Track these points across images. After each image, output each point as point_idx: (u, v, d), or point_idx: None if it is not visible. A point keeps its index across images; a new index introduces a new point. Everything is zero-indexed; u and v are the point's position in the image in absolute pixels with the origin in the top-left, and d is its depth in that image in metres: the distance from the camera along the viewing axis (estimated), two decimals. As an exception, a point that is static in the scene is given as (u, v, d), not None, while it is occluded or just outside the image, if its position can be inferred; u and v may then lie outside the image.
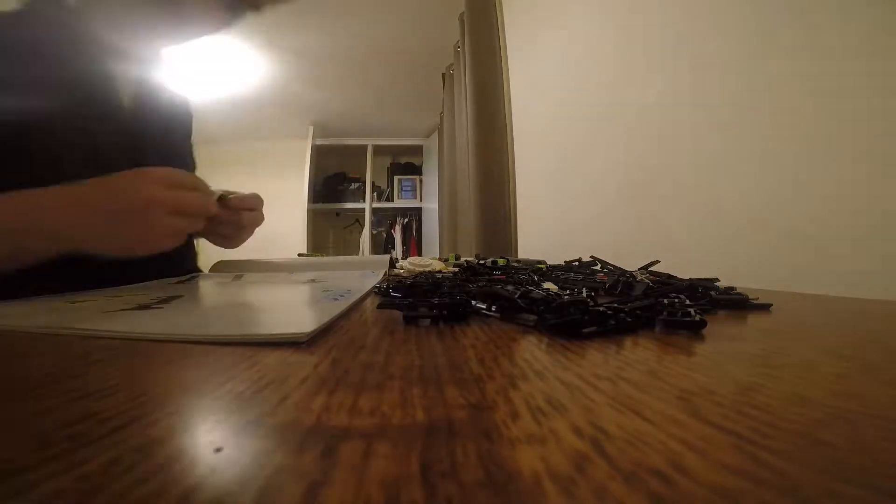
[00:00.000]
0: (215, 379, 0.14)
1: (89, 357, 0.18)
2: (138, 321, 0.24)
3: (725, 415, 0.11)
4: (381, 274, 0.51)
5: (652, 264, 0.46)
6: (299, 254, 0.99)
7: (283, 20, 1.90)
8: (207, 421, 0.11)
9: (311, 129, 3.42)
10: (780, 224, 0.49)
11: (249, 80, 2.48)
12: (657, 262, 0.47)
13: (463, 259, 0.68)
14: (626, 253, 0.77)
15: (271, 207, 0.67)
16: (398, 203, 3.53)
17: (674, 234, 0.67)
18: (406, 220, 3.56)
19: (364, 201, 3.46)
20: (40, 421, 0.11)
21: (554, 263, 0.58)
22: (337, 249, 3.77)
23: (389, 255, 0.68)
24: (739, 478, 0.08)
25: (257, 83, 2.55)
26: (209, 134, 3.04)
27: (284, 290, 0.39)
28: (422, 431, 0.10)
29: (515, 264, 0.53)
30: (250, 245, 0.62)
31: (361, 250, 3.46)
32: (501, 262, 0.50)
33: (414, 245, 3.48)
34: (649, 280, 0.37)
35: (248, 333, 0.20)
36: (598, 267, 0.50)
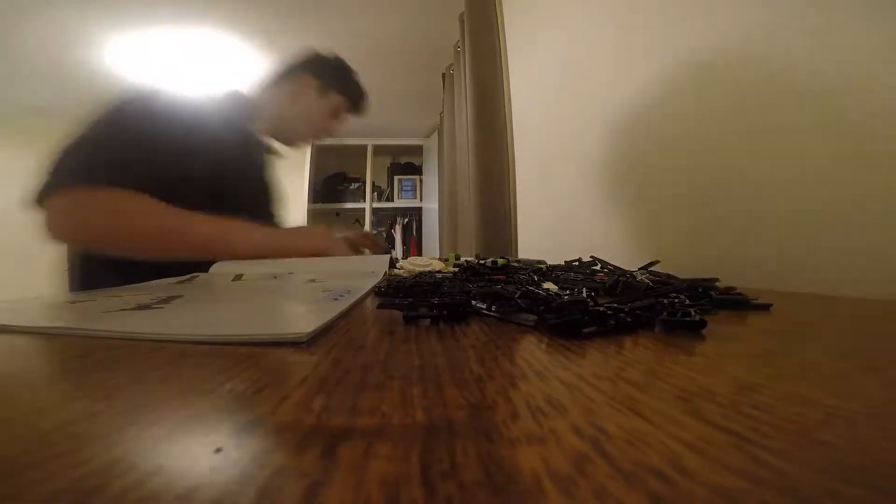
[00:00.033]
0: (215, 379, 0.14)
1: (89, 357, 0.18)
2: (138, 321, 0.24)
3: (725, 415, 0.11)
4: (382, 274, 0.51)
5: (652, 264, 0.46)
6: None
7: (283, 20, 1.90)
8: (207, 421, 0.11)
9: (312, 129, 3.40)
10: (781, 224, 0.49)
11: (249, 80, 2.49)
12: (657, 262, 0.47)
13: (463, 259, 0.68)
14: (627, 253, 0.78)
15: (271, 207, 0.71)
16: (398, 203, 3.52)
17: (674, 234, 0.67)
18: (406, 220, 3.56)
19: (364, 201, 3.46)
20: (40, 421, 0.11)
21: (554, 263, 0.58)
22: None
23: (389, 255, 0.68)
24: (739, 478, 0.08)
25: (257, 83, 2.55)
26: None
27: (284, 290, 0.39)
28: (422, 431, 0.10)
29: (515, 264, 0.53)
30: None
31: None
32: (501, 262, 0.50)
33: (414, 245, 3.47)
34: (649, 280, 0.37)
35: (248, 333, 0.20)
36: (598, 267, 0.50)
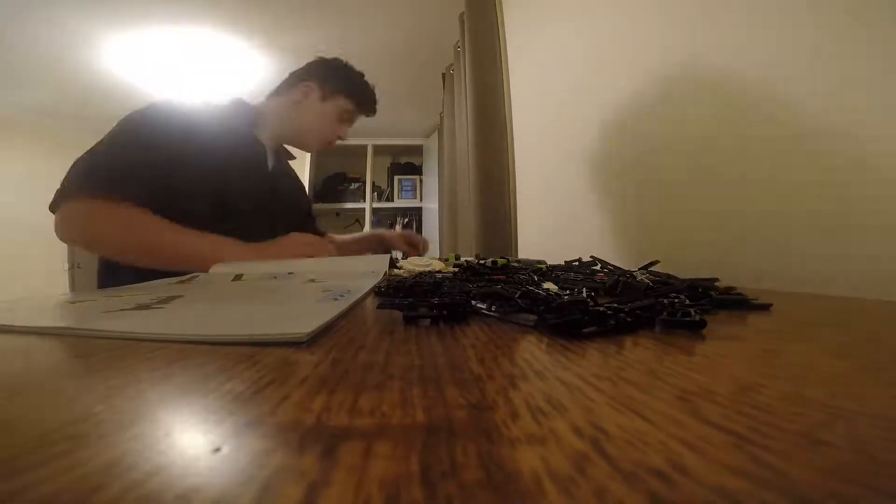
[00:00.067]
0: (215, 379, 0.14)
1: (89, 357, 0.18)
2: (138, 321, 0.24)
3: (725, 415, 0.11)
4: (382, 274, 0.51)
5: (652, 264, 0.46)
6: None
7: (284, 20, 1.90)
8: (207, 421, 0.11)
9: (312, 129, 3.40)
10: (781, 224, 0.49)
11: (249, 81, 2.48)
12: (657, 262, 0.47)
13: (463, 259, 0.68)
14: (626, 253, 0.78)
15: (271, 207, 0.72)
16: (398, 203, 3.52)
17: (674, 234, 0.67)
18: (406, 220, 3.56)
19: (364, 201, 3.46)
20: (40, 421, 0.11)
21: (554, 263, 0.58)
22: (337, 249, 3.76)
23: (389, 255, 0.68)
24: (739, 478, 0.08)
25: (257, 83, 2.55)
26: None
27: (284, 290, 0.39)
28: (422, 431, 0.10)
29: (515, 264, 0.53)
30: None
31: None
32: (501, 262, 0.50)
33: (414, 245, 3.47)
34: (649, 280, 0.37)
35: (248, 333, 0.20)
36: (598, 267, 0.50)
